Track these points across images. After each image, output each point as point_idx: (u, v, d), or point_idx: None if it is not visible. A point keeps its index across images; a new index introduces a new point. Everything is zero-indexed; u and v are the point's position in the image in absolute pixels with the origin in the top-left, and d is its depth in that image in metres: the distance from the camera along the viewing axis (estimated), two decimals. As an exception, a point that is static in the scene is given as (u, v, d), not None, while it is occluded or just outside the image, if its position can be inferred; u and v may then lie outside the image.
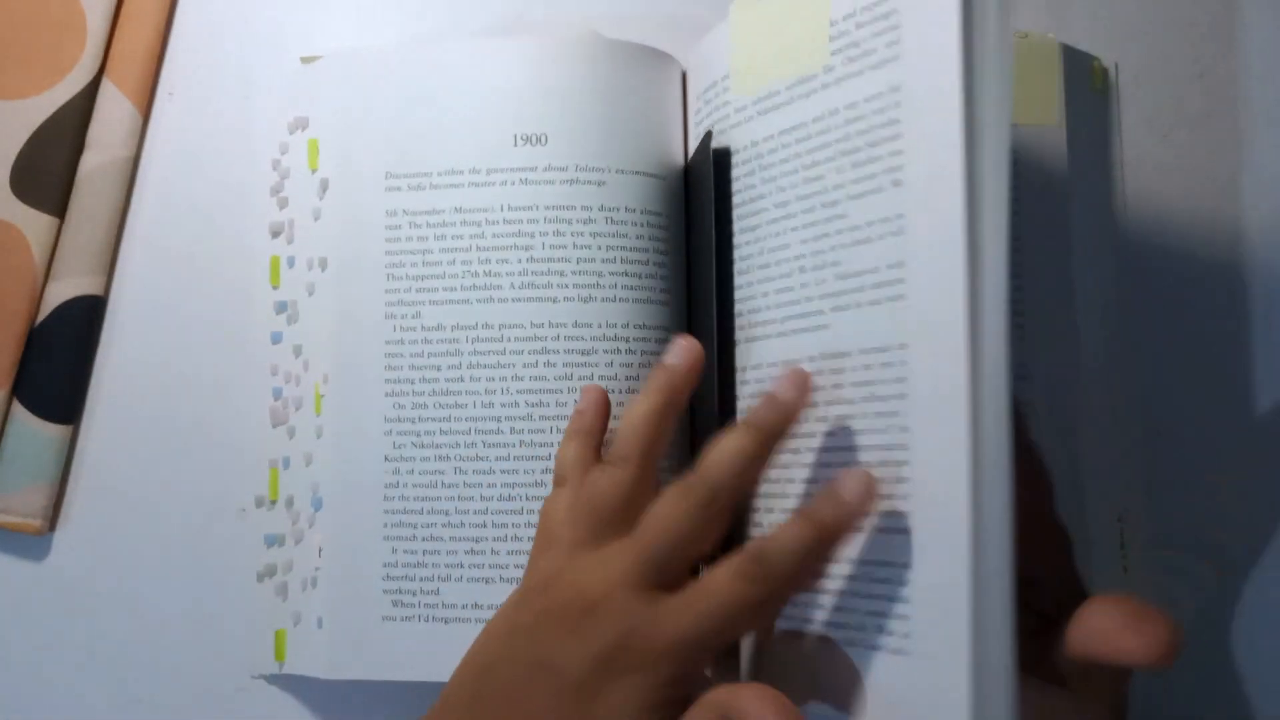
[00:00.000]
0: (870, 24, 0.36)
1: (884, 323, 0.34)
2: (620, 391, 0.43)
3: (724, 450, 0.35)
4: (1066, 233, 0.45)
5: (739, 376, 0.41)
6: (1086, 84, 0.48)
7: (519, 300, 0.43)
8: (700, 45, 0.45)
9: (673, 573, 0.34)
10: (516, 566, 0.42)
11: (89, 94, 0.48)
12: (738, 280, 0.41)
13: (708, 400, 0.41)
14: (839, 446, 0.36)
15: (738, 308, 0.41)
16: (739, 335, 0.41)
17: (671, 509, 0.34)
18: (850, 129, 0.36)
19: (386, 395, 0.44)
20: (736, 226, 0.41)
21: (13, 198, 0.47)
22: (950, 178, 0.32)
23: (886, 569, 0.34)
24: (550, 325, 0.43)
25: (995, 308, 0.31)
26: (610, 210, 0.43)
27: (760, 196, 0.40)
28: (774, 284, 0.39)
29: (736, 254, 0.41)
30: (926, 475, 0.33)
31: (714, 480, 0.35)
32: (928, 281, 0.33)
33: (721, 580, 0.33)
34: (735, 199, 0.41)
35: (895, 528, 0.34)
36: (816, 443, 0.37)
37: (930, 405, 0.32)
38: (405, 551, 0.43)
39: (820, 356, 0.37)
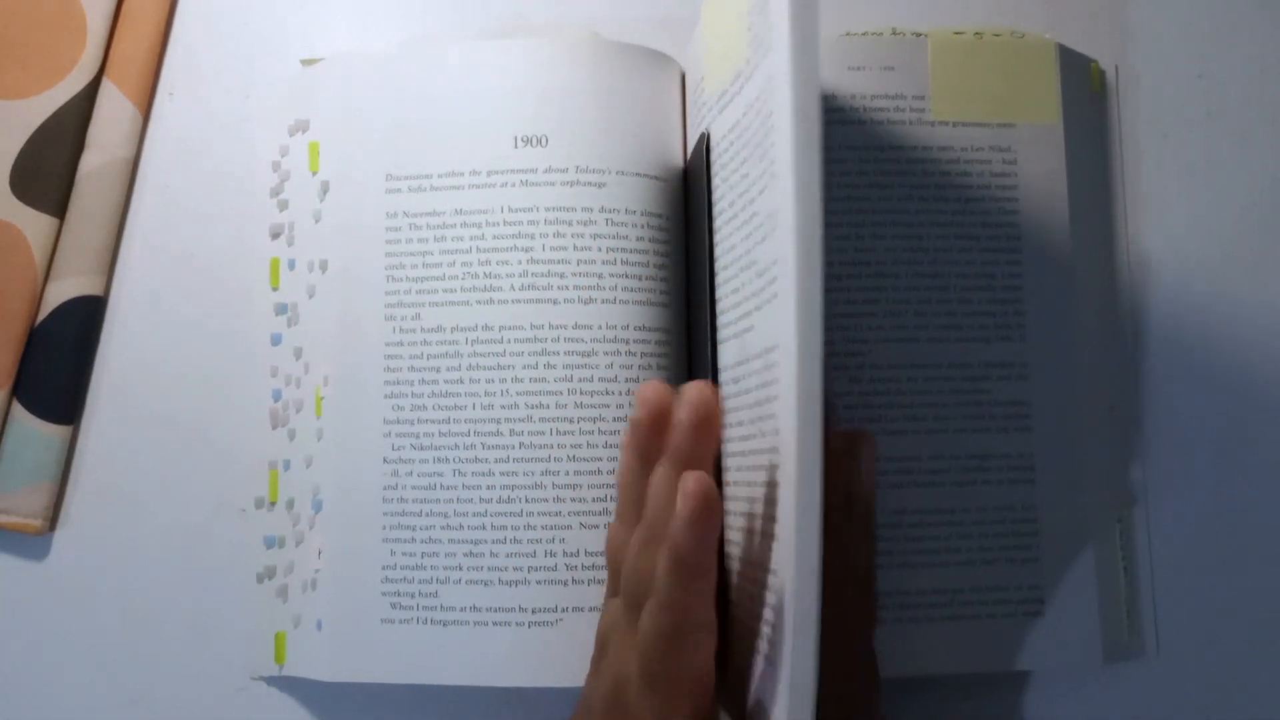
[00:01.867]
0: (761, 11, 0.35)
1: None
2: (620, 394, 0.43)
3: (653, 484, 0.36)
4: (1066, 234, 0.45)
5: (721, 377, 0.41)
6: (1085, 86, 0.48)
7: (519, 302, 0.43)
8: (690, 45, 0.45)
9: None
10: (515, 569, 0.42)
11: (89, 94, 0.47)
12: (717, 280, 0.41)
13: None
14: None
15: (718, 308, 0.41)
16: (719, 336, 0.41)
17: (631, 551, 0.36)
18: (757, 123, 0.36)
19: (386, 397, 0.44)
20: (714, 226, 0.41)
21: (13, 198, 0.47)
22: (785, 175, 0.31)
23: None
24: (550, 327, 0.43)
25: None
26: (611, 212, 0.43)
27: (721, 197, 0.40)
28: (729, 285, 0.39)
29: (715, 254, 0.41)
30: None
31: (650, 517, 0.36)
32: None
33: (643, 617, 0.35)
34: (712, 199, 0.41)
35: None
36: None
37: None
38: (404, 554, 0.43)
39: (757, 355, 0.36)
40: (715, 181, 0.40)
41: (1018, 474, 0.43)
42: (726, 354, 0.39)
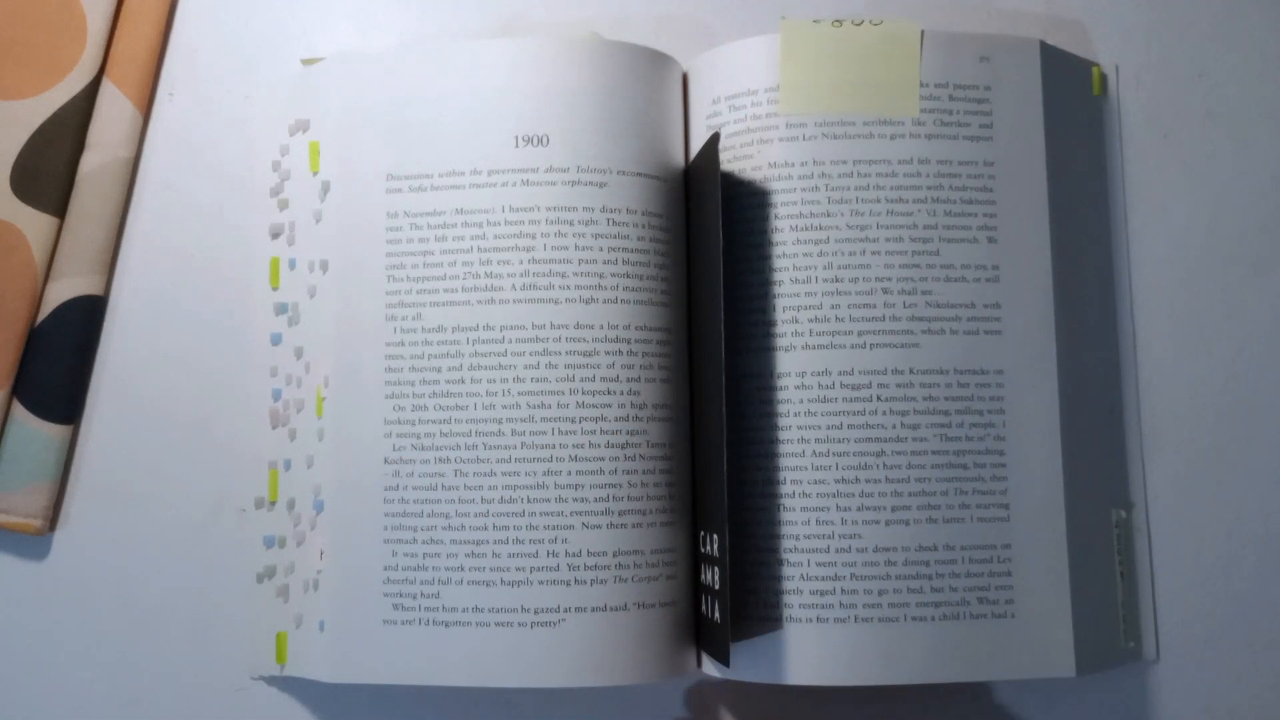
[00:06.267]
0: (964, 101, 0.44)
1: (982, 350, 0.43)
2: (622, 393, 0.43)
3: None
4: (1065, 234, 0.45)
5: (779, 382, 0.43)
6: (1086, 89, 0.48)
7: (520, 301, 0.43)
8: (722, 51, 0.45)
9: None
10: (517, 569, 0.42)
11: (89, 94, 0.47)
12: (787, 288, 0.44)
13: (715, 403, 0.41)
14: (935, 450, 0.43)
15: (781, 315, 0.44)
16: (778, 342, 0.43)
17: None
18: (944, 182, 0.44)
19: (387, 397, 0.44)
20: (786, 237, 0.44)
21: (13, 198, 0.47)
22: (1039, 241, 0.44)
23: (987, 550, 0.43)
24: (552, 327, 0.43)
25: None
26: (612, 211, 0.43)
27: (827, 214, 0.43)
28: (847, 299, 0.43)
29: (786, 263, 0.44)
30: (1022, 473, 0.43)
31: None
32: (1023, 321, 0.44)
33: None
34: (781, 210, 0.44)
35: (995, 517, 0.43)
36: (907, 446, 0.43)
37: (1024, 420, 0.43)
38: (405, 554, 0.43)
39: (910, 371, 0.43)
40: (817, 196, 0.44)
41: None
42: (788, 362, 0.43)
